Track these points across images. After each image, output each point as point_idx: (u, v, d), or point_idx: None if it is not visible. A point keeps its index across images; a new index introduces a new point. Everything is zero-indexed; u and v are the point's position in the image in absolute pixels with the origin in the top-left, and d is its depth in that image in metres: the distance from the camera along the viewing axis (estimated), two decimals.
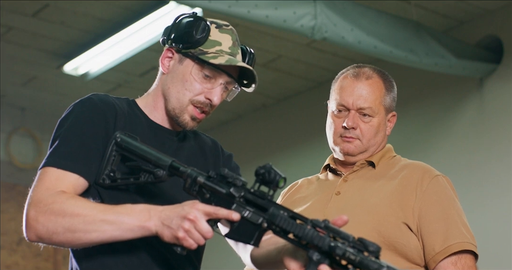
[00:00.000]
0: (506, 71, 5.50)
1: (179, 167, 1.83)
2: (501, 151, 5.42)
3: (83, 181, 1.88)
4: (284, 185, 1.75)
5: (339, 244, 1.62)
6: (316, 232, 1.65)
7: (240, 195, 1.74)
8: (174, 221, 1.72)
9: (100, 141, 1.91)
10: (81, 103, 1.96)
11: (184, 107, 1.98)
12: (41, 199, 1.81)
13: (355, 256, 1.60)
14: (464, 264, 2.17)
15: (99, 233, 1.76)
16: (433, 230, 2.19)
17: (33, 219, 1.80)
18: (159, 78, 2.06)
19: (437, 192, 2.24)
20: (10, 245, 7.75)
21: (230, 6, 4.47)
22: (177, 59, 2.00)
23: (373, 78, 2.34)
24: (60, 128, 1.94)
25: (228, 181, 1.77)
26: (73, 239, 1.78)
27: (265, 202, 1.73)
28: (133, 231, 1.76)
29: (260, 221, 1.71)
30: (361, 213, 2.21)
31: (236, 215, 1.72)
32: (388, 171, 2.31)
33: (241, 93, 2.08)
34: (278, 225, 1.69)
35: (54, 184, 1.85)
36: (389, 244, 2.17)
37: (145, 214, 1.75)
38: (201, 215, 1.71)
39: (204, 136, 2.15)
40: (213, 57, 1.96)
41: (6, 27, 5.60)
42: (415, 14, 5.39)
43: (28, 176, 7.55)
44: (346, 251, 1.61)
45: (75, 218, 1.77)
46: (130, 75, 6.33)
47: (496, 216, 5.32)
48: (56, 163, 1.88)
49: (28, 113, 7.11)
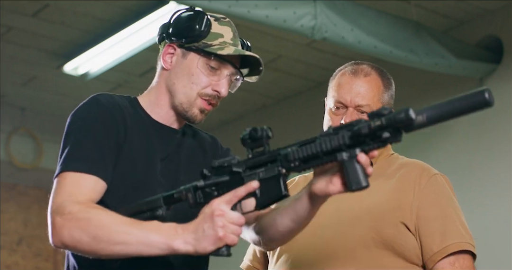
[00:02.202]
0: (506, 71, 5.50)
1: (172, 193, 1.80)
2: (501, 151, 5.42)
3: (102, 183, 1.86)
4: (272, 133, 1.71)
5: (359, 127, 1.58)
6: (330, 136, 1.62)
7: (244, 169, 1.72)
8: (205, 227, 1.68)
9: (113, 141, 1.90)
10: (88, 105, 1.95)
11: (192, 101, 1.98)
12: (65, 206, 1.79)
13: (380, 121, 1.56)
14: (462, 264, 2.17)
15: (124, 246, 1.73)
16: (431, 230, 2.18)
17: (59, 227, 1.78)
18: (160, 75, 2.05)
19: (435, 191, 2.24)
20: (10, 245, 7.76)
21: (230, 6, 4.47)
22: (180, 54, 2.00)
23: (371, 75, 2.34)
24: (69, 131, 1.92)
25: (224, 166, 1.75)
26: (97, 249, 1.75)
27: (268, 155, 1.70)
28: (160, 249, 1.71)
29: (276, 170, 1.69)
30: (359, 212, 2.20)
31: (254, 182, 1.70)
32: (386, 169, 2.30)
33: (241, 94, 2.09)
34: (294, 160, 1.66)
35: (76, 189, 1.82)
36: (386, 243, 2.17)
37: (172, 232, 1.71)
38: (224, 206, 1.69)
39: (203, 133, 2.15)
40: (220, 48, 1.96)
41: (6, 27, 5.60)
42: (415, 14, 5.39)
43: (28, 176, 7.59)
44: (370, 123, 1.57)
45: (100, 228, 1.74)
46: (130, 75, 6.33)
47: (496, 216, 5.32)
48: (73, 167, 1.85)
49: (28, 113, 7.11)
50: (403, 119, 1.54)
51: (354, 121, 1.62)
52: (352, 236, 2.18)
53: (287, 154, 1.67)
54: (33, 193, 7.95)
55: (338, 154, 1.62)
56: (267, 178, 1.70)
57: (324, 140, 1.63)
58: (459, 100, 1.54)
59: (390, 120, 1.55)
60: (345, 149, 1.62)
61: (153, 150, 1.98)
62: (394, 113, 1.56)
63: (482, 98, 1.51)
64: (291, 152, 1.67)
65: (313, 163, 1.66)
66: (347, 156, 1.61)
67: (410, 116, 1.54)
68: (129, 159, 1.93)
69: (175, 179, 1.98)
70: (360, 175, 1.62)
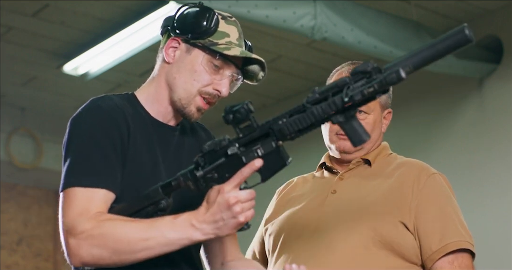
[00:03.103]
0: (506, 71, 5.50)
1: (169, 181, 1.80)
2: (501, 151, 5.42)
3: (111, 195, 1.84)
4: (252, 106, 1.72)
5: (349, 91, 1.59)
6: (322, 104, 1.63)
7: (238, 148, 1.72)
8: (225, 216, 1.70)
9: (119, 149, 1.87)
10: (89, 111, 1.91)
11: (191, 98, 1.96)
12: (78, 225, 1.77)
13: (372, 87, 1.56)
14: (461, 263, 2.17)
15: (146, 252, 1.74)
16: (430, 229, 2.18)
17: (75, 248, 1.76)
18: (160, 68, 2.02)
19: (434, 190, 2.24)
20: (10, 245, 7.75)
21: (230, 6, 4.47)
22: (184, 49, 1.98)
23: None
24: (72, 140, 1.88)
25: (217, 150, 1.75)
26: (120, 261, 1.76)
27: (259, 130, 1.71)
28: (181, 245, 1.74)
29: (274, 144, 1.70)
30: (357, 212, 2.20)
31: (257, 161, 1.70)
32: (385, 169, 2.30)
33: (240, 94, 2.08)
34: (290, 133, 1.68)
35: (86, 206, 1.79)
36: (385, 243, 2.17)
37: (189, 227, 1.72)
38: (235, 191, 1.70)
39: (197, 126, 2.13)
40: (226, 48, 1.94)
41: (6, 27, 5.60)
42: (415, 14, 5.39)
43: (28, 176, 7.59)
44: (363, 90, 1.57)
45: (118, 242, 1.74)
46: (130, 75, 6.33)
47: (496, 216, 5.32)
48: (81, 182, 1.82)
49: (28, 113, 7.11)
50: (394, 80, 1.55)
51: (339, 81, 1.62)
52: (351, 236, 2.18)
53: (281, 129, 1.69)
54: (33, 193, 7.95)
55: (333, 118, 1.64)
56: (266, 153, 1.71)
57: (316, 108, 1.64)
58: (441, 41, 1.54)
59: (382, 83, 1.56)
60: (338, 113, 1.63)
61: (155, 150, 1.97)
62: (385, 75, 1.56)
63: (463, 36, 1.52)
64: (285, 126, 1.68)
65: (307, 130, 1.69)
66: (343, 117, 1.64)
67: (402, 76, 1.54)
68: (134, 162, 1.91)
69: None
70: (360, 130, 1.64)
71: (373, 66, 1.58)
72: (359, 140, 1.65)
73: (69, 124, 1.91)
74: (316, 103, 1.65)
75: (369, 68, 1.58)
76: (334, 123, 1.65)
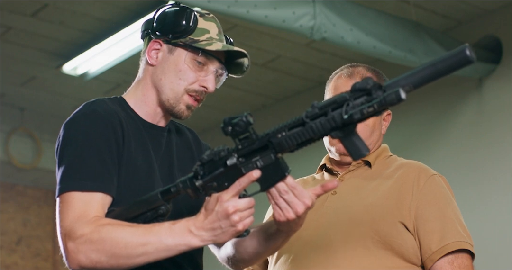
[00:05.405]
0: (505, 71, 5.50)
1: (168, 188, 1.80)
2: (500, 151, 5.42)
3: (108, 198, 1.85)
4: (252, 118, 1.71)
5: (349, 109, 1.59)
6: (321, 119, 1.63)
7: (238, 159, 1.72)
8: (223, 224, 1.70)
9: (114, 153, 1.88)
10: (85, 117, 1.90)
11: (179, 97, 1.98)
12: (76, 230, 1.77)
13: (372, 107, 1.56)
14: (461, 263, 2.17)
15: (144, 257, 1.74)
16: (430, 229, 2.19)
17: (73, 252, 1.77)
18: (144, 71, 2.05)
19: (434, 191, 2.24)
20: (9, 245, 7.76)
21: (229, 6, 4.47)
22: (166, 50, 2.00)
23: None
24: (67, 144, 1.88)
25: (216, 160, 1.74)
26: (118, 265, 1.76)
27: (258, 143, 1.70)
28: (179, 250, 1.74)
29: (273, 157, 1.69)
30: (358, 213, 2.21)
31: (255, 172, 1.70)
32: (384, 170, 2.31)
33: (240, 94, 2.09)
34: (289, 147, 1.68)
35: (84, 209, 1.80)
36: (385, 243, 2.17)
37: (187, 233, 1.72)
38: (233, 200, 1.69)
39: (183, 128, 2.14)
40: (208, 44, 1.96)
41: (5, 27, 5.60)
42: (414, 14, 5.39)
43: (27, 176, 7.59)
44: (363, 110, 1.57)
45: (116, 245, 1.73)
46: (130, 75, 6.29)
47: (496, 216, 5.33)
48: (79, 186, 1.82)
49: (27, 113, 7.11)
50: (394, 101, 1.54)
51: (338, 97, 1.62)
52: (351, 236, 2.18)
53: (280, 143, 1.68)
54: (32, 193, 7.96)
55: (333, 133, 1.64)
56: (265, 165, 1.71)
57: (315, 123, 1.64)
58: (441, 61, 1.52)
59: (381, 104, 1.55)
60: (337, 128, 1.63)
61: (149, 152, 1.98)
62: (385, 96, 1.55)
63: (464, 56, 1.49)
64: (284, 140, 1.68)
65: (306, 144, 1.68)
66: (343, 133, 1.63)
67: (401, 97, 1.53)
68: (130, 165, 1.92)
69: (173, 179, 1.97)
70: (359, 145, 1.64)
71: (373, 83, 1.57)
72: (359, 154, 1.64)
73: (63, 129, 1.91)
74: (315, 118, 1.65)
75: (369, 85, 1.58)
76: (333, 138, 1.65)
